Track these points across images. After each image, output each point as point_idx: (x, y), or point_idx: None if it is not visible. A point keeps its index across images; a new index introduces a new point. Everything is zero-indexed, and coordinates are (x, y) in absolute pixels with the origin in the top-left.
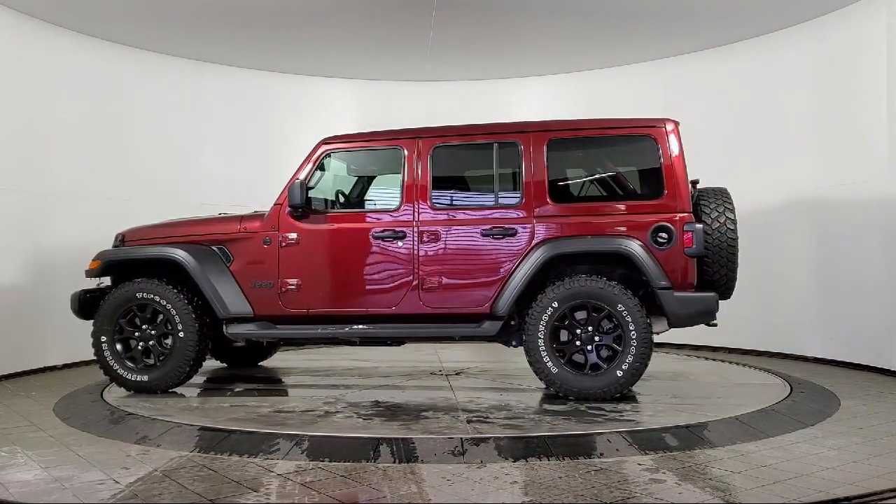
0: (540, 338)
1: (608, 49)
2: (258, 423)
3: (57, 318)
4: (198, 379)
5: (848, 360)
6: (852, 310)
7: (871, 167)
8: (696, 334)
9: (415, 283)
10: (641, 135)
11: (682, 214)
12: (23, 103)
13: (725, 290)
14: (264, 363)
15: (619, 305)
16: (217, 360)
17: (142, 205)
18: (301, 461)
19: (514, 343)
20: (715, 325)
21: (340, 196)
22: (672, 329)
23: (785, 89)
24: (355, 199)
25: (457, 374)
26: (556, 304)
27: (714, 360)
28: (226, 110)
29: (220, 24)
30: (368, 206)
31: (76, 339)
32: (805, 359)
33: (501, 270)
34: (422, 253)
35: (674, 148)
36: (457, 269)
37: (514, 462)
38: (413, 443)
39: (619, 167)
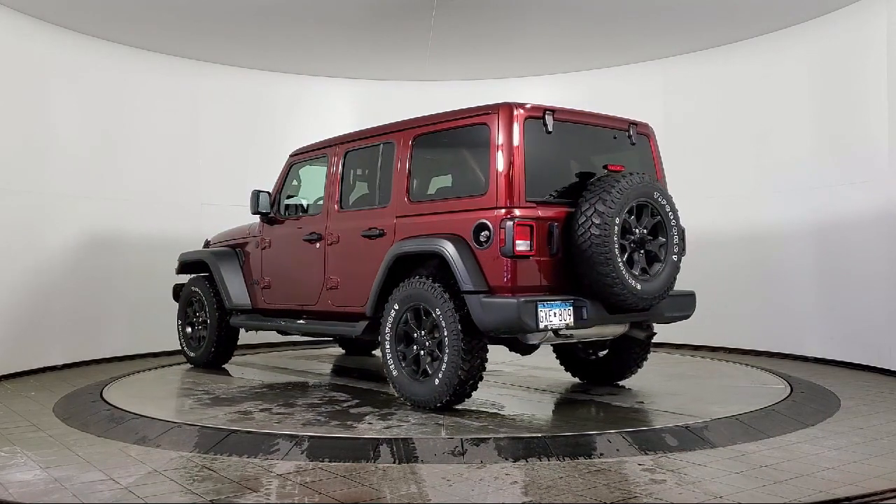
0: (386, 340)
1: (608, 49)
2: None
3: (56, 317)
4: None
5: (848, 360)
6: (852, 310)
7: (871, 167)
8: (696, 335)
9: (324, 282)
10: (477, 124)
11: (504, 211)
12: (22, 103)
13: (610, 297)
14: (377, 352)
15: (437, 309)
16: (341, 347)
17: (141, 205)
18: (301, 461)
19: None
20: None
21: (304, 203)
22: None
23: (785, 89)
24: (306, 205)
25: None
26: (396, 307)
27: (714, 359)
28: (226, 110)
29: (220, 24)
30: (310, 211)
31: (76, 339)
32: (805, 359)
33: (374, 271)
34: (328, 254)
35: (504, 136)
36: (347, 269)
37: (514, 462)
38: (413, 443)
39: (463, 160)
